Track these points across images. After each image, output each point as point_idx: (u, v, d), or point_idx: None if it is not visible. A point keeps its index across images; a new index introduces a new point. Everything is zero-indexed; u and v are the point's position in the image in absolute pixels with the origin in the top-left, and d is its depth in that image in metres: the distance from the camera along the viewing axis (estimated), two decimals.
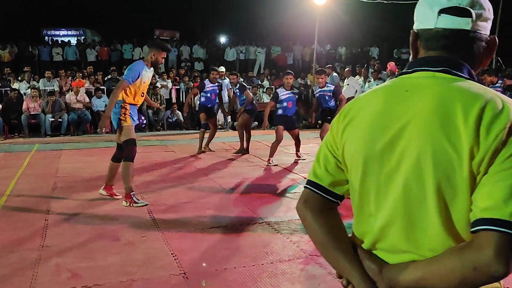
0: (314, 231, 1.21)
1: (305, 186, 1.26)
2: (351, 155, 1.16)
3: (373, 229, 1.14)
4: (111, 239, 4.10)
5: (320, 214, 1.22)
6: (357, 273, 1.13)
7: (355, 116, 1.17)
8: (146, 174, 6.95)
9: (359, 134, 1.14)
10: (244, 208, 5.10)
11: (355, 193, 1.18)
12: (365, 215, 1.16)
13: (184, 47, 18.88)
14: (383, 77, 12.08)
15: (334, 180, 1.22)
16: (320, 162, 1.25)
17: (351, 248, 1.18)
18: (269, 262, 3.56)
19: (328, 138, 1.25)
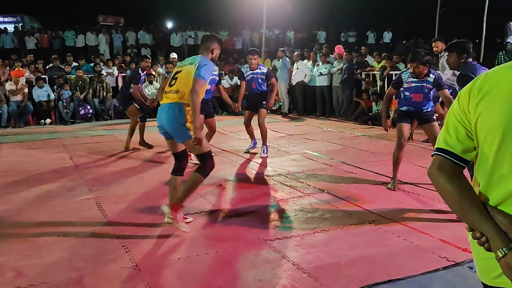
0: (449, 192, 1.40)
1: (436, 154, 1.44)
2: (488, 125, 1.31)
3: (506, 189, 1.30)
4: (58, 234, 3.94)
5: (453, 177, 1.40)
6: (491, 226, 1.30)
7: (491, 90, 1.31)
8: (94, 166, 6.73)
9: (498, 105, 1.29)
10: (196, 196, 5.04)
11: (486, 159, 1.35)
12: (496, 177, 1.33)
13: (129, 33, 18.37)
14: (331, 61, 12.21)
15: (465, 147, 1.40)
16: (451, 132, 1.42)
17: (482, 205, 1.34)
18: (223, 249, 3.54)
19: (457, 111, 1.40)
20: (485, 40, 11.95)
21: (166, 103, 3.82)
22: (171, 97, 3.79)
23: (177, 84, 3.80)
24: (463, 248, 3.36)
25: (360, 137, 8.79)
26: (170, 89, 3.83)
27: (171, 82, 3.86)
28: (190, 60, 3.92)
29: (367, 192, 5.01)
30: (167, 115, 3.77)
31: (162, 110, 3.83)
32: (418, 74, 4.92)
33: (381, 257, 3.31)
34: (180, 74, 3.83)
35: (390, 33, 19.89)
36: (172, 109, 3.75)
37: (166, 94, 3.84)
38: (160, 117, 3.85)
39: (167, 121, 3.78)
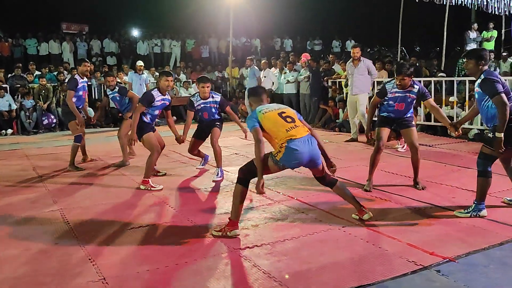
0: None
1: None
2: None
3: None
4: (21, 249, 3.80)
5: None
6: None
7: None
8: (58, 177, 6.55)
9: None
10: (165, 206, 4.98)
11: None
12: None
13: (94, 41, 18.05)
14: (297, 69, 12.34)
15: None
16: None
17: None
18: (193, 259, 3.49)
19: None
20: (446, 48, 12.35)
21: (307, 135, 3.92)
22: (306, 130, 3.96)
23: (298, 122, 3.97)
24: (430, 251, 3.42)
25: (327, 143, 8.87)
26: (295, 125, 3.92)
27: (286, 119, 3.94)
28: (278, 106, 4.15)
29: (335, 198, 5.02)
30: (314, 145, 3.93)
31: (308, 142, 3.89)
32: (403, 86, 5.18)
33: (351, 262, 3.34)
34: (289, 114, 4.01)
35: (353, 42, 20.25)
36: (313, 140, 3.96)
37: (298, 128, 3.90)
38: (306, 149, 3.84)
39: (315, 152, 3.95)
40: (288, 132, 3.83)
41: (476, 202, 4.26)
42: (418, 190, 5.25)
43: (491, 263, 3.25)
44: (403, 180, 5.67)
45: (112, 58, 17.78)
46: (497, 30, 14.15)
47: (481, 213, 4.22)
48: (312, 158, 3.91)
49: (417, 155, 5.32)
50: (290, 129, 3.85)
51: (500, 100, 4.00)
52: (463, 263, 3.25)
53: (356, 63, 8.84)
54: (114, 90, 7.37)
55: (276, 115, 3.95)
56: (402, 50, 15.96)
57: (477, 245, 3.53)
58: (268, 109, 4.01)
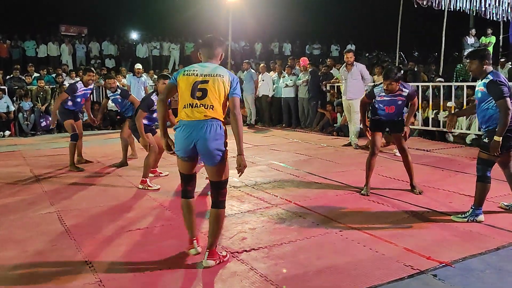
0: None
1: None
2: None
3: None
4: (17, 250, 3.79)
5: None
6: None
7: None
8: (55, 179, 6.54)
9: None
10: (162, 209, 4.97)
11: None
12: None
13: (93, 44, 18.06)
14: (296, 73, 12.36)
15: None
16: None
17: None
18: (190, 262, 3.48)
19: None
20: (444, 54, 12.40)
21: (198, 120, 3.23)
22: (206, 113, 3.23)
23: (210, 98, 3.24)
24: (427, 256, 3.43)
25: (325, 147, 8.89)
26: (200, 102, 3.24)
27: (194, 93, 3.25)
28: (212, 70, 3.32)
29: (333, 202, 5.06)
30: (205, 135, 3.23)
31: (193, 129, 3.24)
32: (390, 91, 5.21)
33: (348, 266, 3.34)
34: (208, 86, 3.26)
35: (352, 46, 20.27)
36: (211, 128, 3.25)
37: (194, 108, 3.24)
38: (189, 137, 3.26)
39: (204, 142, 3.24)
40: (183, 109, 3.28)
41: (474, 207, 4.27)
42: (415, 194, 5.25)
43: (488, 268, 3.26)
44: (400, 185, 5.68)
45: (111, 60, 17.79)
46: (495, 36, 14.21)
47: (478, 218, 4.22)
48: (200, 149, 3.28)
49: (407, 159, 5.35)
50: (187, 107, 3.26)
51: (504, 105, 4.02)
52: (459, 268, 3.25)
53: (349, 68, 8.87)
54: (116, 92, 7.38)
55: (192, 82, 3.29)
56: (401, 55, 15.98)
57: (473, 250, 3.54)
58: (195, 71, 3.33)
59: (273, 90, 12.80)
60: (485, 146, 4.23)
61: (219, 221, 3.44)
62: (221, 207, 3.45)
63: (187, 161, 3.43)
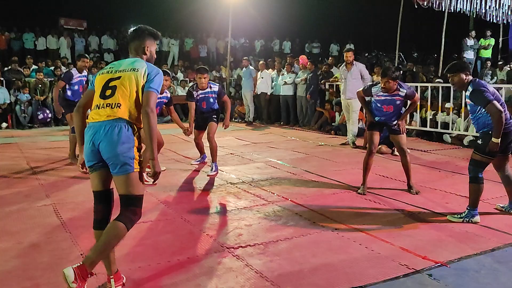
0: None
1: None
2: None
3: None
4: (12, 242, 3.79)
5: None
6: None
7: None
8: (52, 171, 6.53)
9: None
10: (159, 204, 4.96)
11: None
12: None
13: (92, 37, 18.00)
14: (295, 70, 12.36)
15: None
16: None
17: None
18: (185, 257, 3.48)
19: None
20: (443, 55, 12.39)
21: (101, 121, 2.78)
22: (109, 113, 2.78)
23: (117, 96, 2.81)
24: (423, 256, 3.43)
25: (323, 146, 8.90)
26: (105, 102, 2.82)
27: (104, 92, 2.85)
28: (128, 64, 2.94)
29: (329, 200, 5.07)
30: (107, 137, 2.74)
31: (96, 131, 2.78)
32: (388, 89, 5.19)
33: (343, 264, 3.34)
34: (117, 82, 2.85)
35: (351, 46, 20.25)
36: (114, 129, 2.76)
37: (100, 109, 2.82)
38: (92, 140, 2.79)
39: (106, 145, 2.74)
40: (92, 111, 2.89)
41: (469, 208, 4.28)
42: (412, 194, 5.26)
43: (482, 268, 3.27)
44: (397, 184, 5.68)
45: (110, 54, 17.72)
46: (494, 38, 14.22)
47: (474, 219, 4.23)
48: (104, 154, 2.77)
49: (406, 158, 5.35)
50: (95, 108, 2.86)
51: (493, 108, 4.05)
52: (454, 268, 3.26)
53: (349, 67, 8.87)
54: None
55: (104, 81, 2.90)
56: (400, 55, 16.00)
57: (469, 251, 3.55)
58: (111, 69, 2.95)
59: (271, 87, 12.80)
60: (478, 147, 4.25)
61: (110, 235, 2.75)
62: (122, 221, 2.77)
63: (94, 171, 2.85)
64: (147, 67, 2.94)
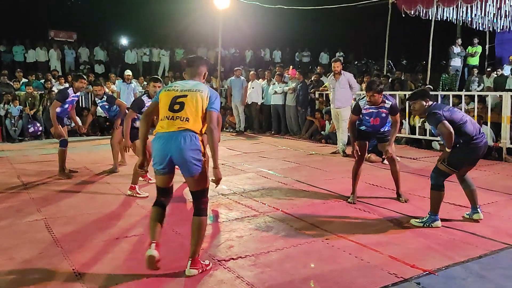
0: None
1: None
2: None
3: None
4: (4, 258, 3.78)
5: None
6: None
7: None
8: (43, 185, 6.52)
9: None
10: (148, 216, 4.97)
11: None
12: None
13: (82, 49, 18.01)
14: (286, 80, 12.45)
15: None
16: None
17: None
18: (177, 270, 3.50)
19: None
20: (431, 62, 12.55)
21: (173, 131, 3.32)
22: (181, 125, 3.33)
23: (185, 111, 3.35)
24: (411, 264, 3.49)
25: (313, 155, 8.96)
26: (175, 115, 3.35)
27: (172, 106, 3.38)
28: (193, 86, 3.47)
29: (320, 210, 5.12)
30: (180, 145, 3.29)
31: (168, 140, 3.32)
32: (374, 102, 5.29)
33: (333, 274, 3.38)
34: (186, 100, 3.38)
35: (341, 54, 20.39)
36: (185, 138, 3.30)
37: (169, 120, 3.35)
38: (164, 148, 3.33)
39: (180, 152, 3.29)
40: (161, 121, 3.41)
41: (430, 213, 4.42)
42: (401, 202, 5.33)
43: (470, 276, 3.32)
44: (386, 193, 5.75)
45: (100, 66, 17.75)
46: (481, 46, 14.43)
47: (434, 224, 4.36)
48: (176, 159, 3.34)
49: (395, 167, 5.44)
50: (164, 119, 3.38)
51: (442, 128, 4.26)
52: (442, 276, 3.31)
53: (337, 77, 8.98)
54: (103, 99, 7.37)
55: (171, 97, 3.43)
56: (389, 63, 16.16)
57: (456, 258, 3.61)
58: (176, 87, 3.50)
59: (262, 97, 12.88)
60: (445, 158, 4.40)
61: (201, 229, 3.44)
62: (202, 215, 3.48)
63: (163, 174, 3.47)
64: (208, 90, 3.51)
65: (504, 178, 6.58)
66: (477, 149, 4.36)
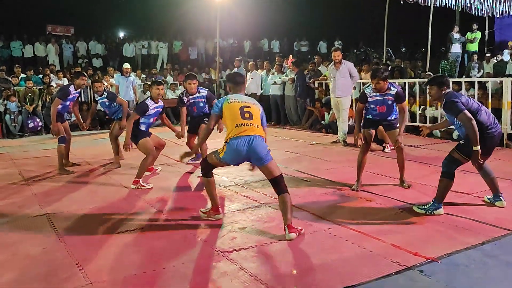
0: None
1: None
2: None
3: None
4: (7, 254, 3.80)
5: None
6: None
7: None
8: (45, 181, 6.52)
9: None
10: (152, 210, 4.99)
11: None
12: None
13: (80, 43, 17.94)
14: (285, 71, 12.41)
15: None
16: None
17: None
18: (180, 263, 3.51)
19: None
20: (431, 49, 12.51)
21: (251, 135, 4.03)
22: (256, 130, 4.09)
23: (254, 120, 4.12)
24: (414, 252, 3.49)
25: (314, 145, 8.95)
26: (248, 122, 4.07)
27: (243, 115, 4.09)
28: (249, 99, 4.32)
29: (321, 199, 5.12)
30: (258, 145, 4.03)
31: (246, 142, 4.02)
32: (379, 89, 5.32)
33: (336, 264, 3.39)
34: (250, 110, 4.15)
35: (340, 42, 20.29)
36: (261, 140, 4.09)
37: (245, 126, 4.05)
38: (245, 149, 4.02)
39: (257, 150, 4.02)
40: (237, 127, 4.05)
41: (434, 201, 4.39)
42: (405, 188, 5.36)
43: (472, 263, 3.33)
44: (388, 181, 5.75)
45: (98, 60, 17.69)
46: (480, 32, 14.35)
47: (436, 211, 4.36)
48: (252, 155, 4.06)
49: (402, 155, 5.45)
50: (240, 126, 4.05)
51: (464, 118, 4.20)
52: (445, 263, 3.32)
53: (337, 66, 8.93)
54: (103, 96, 7.34)
55: (238, 108, 4.14)
56: (388, 51, 16.10)
57: (459, 245, 3.61)
58: (237, 100, 4.20)
59: (261, 88, 12.83)
60: (460, 147, 4.39)
61: (286, 202, 4.00)
62: (285, 192, 4.06)
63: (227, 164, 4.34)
64: (259, 105, 4.36)
65: (506, 164, 6.57)
66: (491, 138, 4.33)
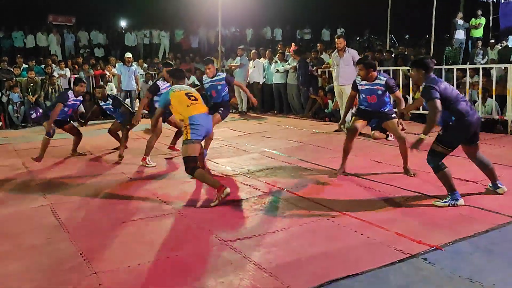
0: None
1: None
2: None
3: None
4: (12, 244, 3.81)
5: None
6: None
7: None
8: (48, 171, 6.54)
9: None
10: (156, 200, 4.99)
11: None
12: None
13: (81, 33, 17.87)
14: (287, 59, 12.33)
15: None
16: None
17: None
18: (184, 252, 3.52)
19: None
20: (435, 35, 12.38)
21: (204, 112, 4.91)
22: (204, 107, 4.99)
23: (199, 101, 4.97)
24: (418, 240, 3.48)
25: (317, 134, 8.93)
26: (195, 102, 4.89)
27: (190, 98, 4.87)
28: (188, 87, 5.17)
29: (325, 188, 5.11)
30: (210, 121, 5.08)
31: (206, 116, 4.94)
32: (363, 77, 5.35)
33: (340, 252, 3.39)
34: (194, 95, 5.00)
35: (343, 30, 20.13)
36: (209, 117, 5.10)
37: (197, 105, 4.90)
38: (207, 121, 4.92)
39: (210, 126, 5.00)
40: (188, 107, 4.74)
41: (450, 194, 4.32)
42: (410, 176, 5.34)
43: (477, 250, 3.32)
44: (392, 169, 5.73)
45: (100, 49, 17.62)
46: (485, 18, 14.21)
47: (458, 202, 4.26)
48: (208, 131, 4.94)
49: (404, 145, 5.40)
50: (191, 105, 4.76)
51: (432, 105, 4.18)
52: (449, 251, 3.31)
53: (341, 53, 8.86)
54: (108, 102, 7.37)
55: (184, 94, 4.86)
56: (392, 38, 15.98)
57: (463, 233, 3.60)
58: (181, 89, 4.97)
59: (264, 76, 12.76)
60: (440, 138, 4.36)
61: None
62: None
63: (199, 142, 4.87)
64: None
65: (510, 151, 6.53)
66: (470, 125, 4.29)
